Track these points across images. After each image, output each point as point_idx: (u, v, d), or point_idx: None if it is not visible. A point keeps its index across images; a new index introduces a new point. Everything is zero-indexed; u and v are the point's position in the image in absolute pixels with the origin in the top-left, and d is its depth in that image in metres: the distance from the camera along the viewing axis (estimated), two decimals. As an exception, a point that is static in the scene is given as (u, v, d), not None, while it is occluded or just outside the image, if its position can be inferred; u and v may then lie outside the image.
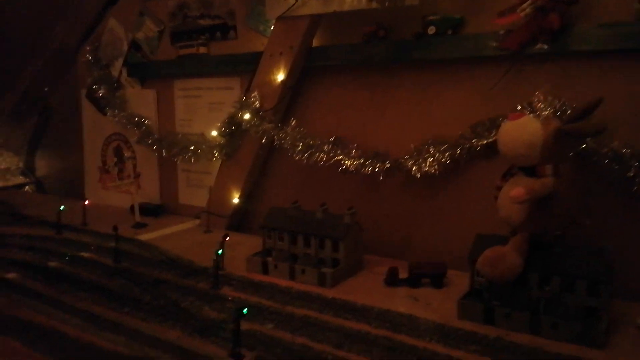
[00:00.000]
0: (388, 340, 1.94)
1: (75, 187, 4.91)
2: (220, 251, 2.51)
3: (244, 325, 2.01)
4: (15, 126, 5.50)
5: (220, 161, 3.65)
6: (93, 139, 4.65)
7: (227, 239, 2.74)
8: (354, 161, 2.96)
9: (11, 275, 2.73)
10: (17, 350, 1.97)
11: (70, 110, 4.88)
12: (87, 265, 2.86)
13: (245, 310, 1.81)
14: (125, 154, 4.34)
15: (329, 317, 2.15)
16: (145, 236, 3.43)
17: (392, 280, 2.49)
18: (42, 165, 5.59)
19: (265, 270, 2.69)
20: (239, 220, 3.68)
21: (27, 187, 5.62)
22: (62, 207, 3.57)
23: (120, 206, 4.24)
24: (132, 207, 3.97)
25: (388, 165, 2.88)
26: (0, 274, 2.74)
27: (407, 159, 2.82)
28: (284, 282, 2.55)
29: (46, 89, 5.10)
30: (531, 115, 2.15)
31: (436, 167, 2.74)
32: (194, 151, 3.67)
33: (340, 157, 3.00)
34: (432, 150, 2.76)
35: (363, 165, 2.93)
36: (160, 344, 1.94)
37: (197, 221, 3.81)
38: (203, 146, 3.61)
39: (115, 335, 2.03)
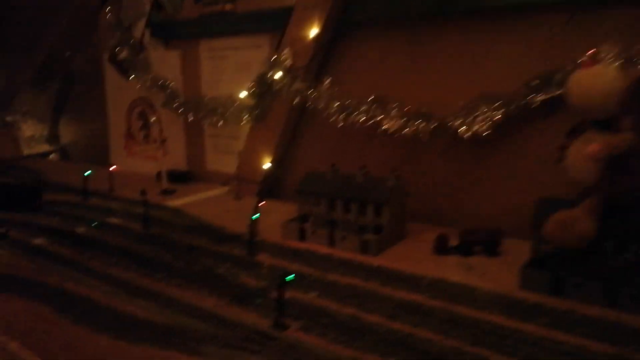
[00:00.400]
0: (445, 312, 1.76)
1: (100, 154, 4.81)
2: (256, 216, 2.34)
3: (287, 294, 1.86)
4: (38, 93, 5.40)
5: (249, 125, 3.47)
6: (117, 104, 4.52)
7: (262, 204, 2.57)
8: (394, 122, 2.76)
9: (39, 241, 2.63)
10: (47, 316, 1.85)
11: (93, 75, 4.74)
12: (115, 231, 2.74)
13: (290, 277, 1.64)
14: (151, 119, 4.20)
15: (377, 286, 1.99)
16: (173, 202, 3.29)
17: (441, 247, 2.31)
18: (67, 133, 5.50)
19: (302, 237, 2.53)
20: (270, 187, 3.51)
21: (51, 155, 5.56)
22: (88, 172, 3.45)
23: (146, 173, 4.12)
24: (158, 174, 3.84)
25: (433, 126, 2.67)
26: (28, 239, 2.64)
27: (454, 118, 2.60)
28: (323, 249, 2.39)
29: (68, 53, 4.96)
30: (607, 62, 1.91)
31: (487, 126, 2.51)
32: (222, 114, 3.50)
33: (380, 117, 2.80)
34: (482, 109, 2.53)
35: (405, 126, 2.73)
36: (197, 312, 1.80)
37: (226, 188, 3.66)
38: (231, 109, 3.43)
39: (148, 303, 1.90)
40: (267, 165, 3.36)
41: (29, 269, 2.29)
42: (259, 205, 2.54)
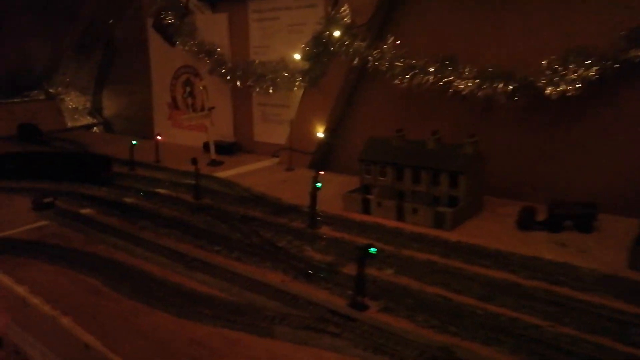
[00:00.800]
0: (546, 293, 1.52)
1: (144, 126, 4.69)
2: (319, 184, 2.13)
3: (352, 269, 1.66)
4: (80, 64, 5.32)
5: (302, 91, 3.25)
6: (161, 73, 4.36)
7: (322, 173, 2.36)
8: (467, 83, 2.47)
9: (86, 211, 2.50)
10: (98, 289, 1.71)
11: (136, 44, 4.59)
12: (165, 202, 2.58)
13: (373, 250, 1.43)
14: (198, 87, 4.02)
15: (459, 264, 1.76)
16: (223, 173, 3.13)
17: (526, 222, 2.05)
18: (109, 105, 5.41)
19: (366, 209, 2.31)
20: (323, 157, 3.30)
21: (95, 127, 5.49)
22: (134, 142, 3.32)
23: (191, 145, 3.97)
24: (205, 145, 3.69)
25: (513, 86, 2.37)
26: (76, 209, 2.51)
27: (538, 78, 2.30)
28: (390, 223, 2.17)
29: (110, 21, 4.83)
30: None
31: (577, 86, 2.21)
32: (273, 80, 3.28)
33: (451, 78, 2.52)
34: (572, 66, 2.23)
35: (480, 87, 2.44)
36: (263, 288, 1.62)
37: (276, 159, 3.47)
38: (284, 73, 3.20)
39: (208, 276, 1.73)
40: (320, 134, 3.13)
41: (78, 239, 2.15)
42: (319, 174, 2.33)
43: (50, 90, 5.32)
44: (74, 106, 5.41)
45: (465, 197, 2.14)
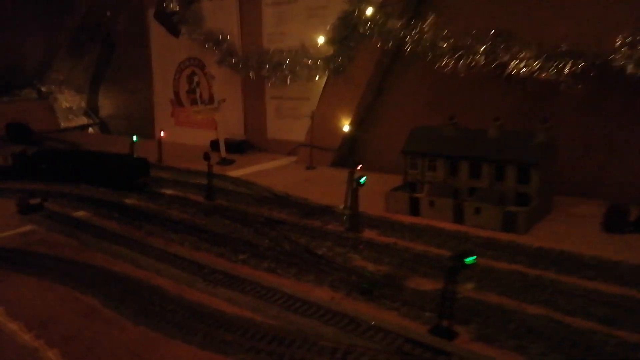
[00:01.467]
0: (686, 314, 1.16)
1: (143, 125, 4.32)
2: (363, 179, 1.77)
3: (426, 285, 1.30)
4: (76, 60, 4.95)
5: (324, 81, 2.90)
6: (163, 67, 4.00)
7: (359, 167, 2.00)
8: (525, 63, 2.13)
9: (80, 214, 2.13)
10: (93, 310, 1.33)
11: (136, 37, 4.24)
12: (172, 203, 2.21)
13: (470, 259, 1.06)
14: (202, 81, 3.67)
15: (554, 275, 1.39)
16: (235, 173, 2.76)
17: (617, 223, 1.70)
18: (106, 104, 5.04)
19: (414, 210, 1.95)
20: (347, 154, 2.95)
21: (90, 128, 5.12)
22: (135, 138, 2.95)
23: (196, 144, 3.59)
24: (213, 143, 3.33)
25: (581, 66, 2.03)
26: (68, 212, 2.14)
27: (613, 56, 1.95)
28: (447, 225, 1.80)
29: (108, 13, 4.48)
30: None
31: (663, 64, 1.87)
32: (290, 69, 2.93)
33: (505, 58, 2.17)
34: (655, 42, 1.89)
35: (541, 67, 2.10)
36: (309, 308, 1.24)
37: (293, 158, 3.11)
38: (305, 59, 2.85)
39: (236, 293, 1.35)
40: (346, 127, 2.77)
41: (70, 247, 1.78)
42: (357, 168, 1.97)
43: (42, 89, 4.95)
44: (68, 106, 5.04)
45: (538, 194, 1.78)
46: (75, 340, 1.19)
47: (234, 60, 3.22)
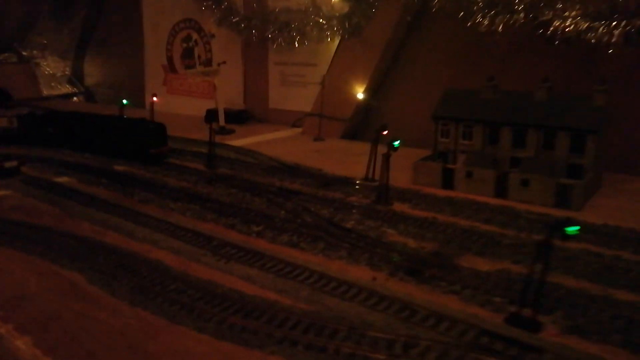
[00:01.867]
0: None
1: (133, 94, 4.00)
2: (397, 143, 1.53)
3: (482, 264, 1.08)
4: (60, 24, 4.60)
5: (335, 44, 2.63)
6: (155, 30, 3.68)
7: (386, 132, 1.75)
8: (571, 22, 1.89)
9: (63, 179, 1.86)
10: (79, 289, 1.08)
11: (127, -3, 3.92)
12: (169, 170, 1.95)
13: (573, 229, 0.83)
14: (198, 45, 3.37)
15: (631, 255, 1.17)
16: (236, 142, 2.50)
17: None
18: (92, 71, 4.70)
19: (448, 182, 1.71)
20: (359, 126, 2.70)
21: (75, 97, 4.79)
22: (125, 101, 2.67)
23: (190, 114, 3.31)
24: (208, 113, 3.05)
25: (636, 27, 1.79)
26: (48, 176, 1.87)
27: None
28: (488, 199, 1.58)
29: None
30: None
31: None
32: (299, 29, 2.66)
33: (548, 17, 1.93)
34: None
35: (590, 27, 1.86)
36: (347, 289, 1.01)
37: (298, 130, 2.86)
38: (313, 21, 2.58)
39: (255, 270, 1.11)
40: (360, 95, 2.52)
41: (51, 215, 1.52)
42: (383, 133, 1.73)
43: (24, 53, 4.60)
44: (51, 72, 4.69)
45: (594, 165, 1.56)
46: (52, 324, 0.93)
47: (235, 20, 2.92)
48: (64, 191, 1.71)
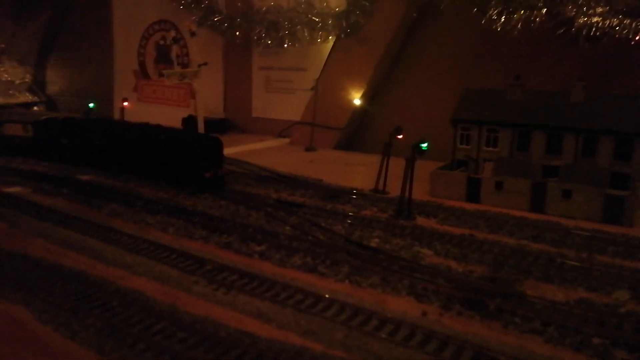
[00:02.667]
0: None
1: (99, 102, 3.68)
2: (424, 145, 1.29)
3: (553, 292, 0.84)
4: (19, 26, 4.25)
5: (329, 45, 2.41)
6: (127, 32, 3.40)
7: (400, 137, 1.52)
8: (598, 19, 1.72)
9: (15, 190, 1.55)
10: (26, 328, 0.79)
11: (95, -3, 3.63)
12: (143, 180, 1.67)
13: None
14: (174, 50, 3.10)
15: None
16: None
17: None
18: (55, 78, 4.35)
19: (473, 194, 1.49)
20: (354, 135, 2.47)
21: (35, 107, 4.42)
22: (91, 105, 2.38)
23: (164, 123, 3.03)
24: (185, 121, 2.77)
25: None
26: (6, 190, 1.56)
27: None
28: (526, 214, 1.36)
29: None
30: None
31: None
32: (288, 30, 2.43)
33: (571, 13, 1.76)
34: None
35: (619, 24, 1.70)
36: (396, 330, 0.75)
37: (286, 140, 2.61)
38: (311, 17, 2.34)
39: (265, 304, 0.84)
40: (356, 101, 2.30)
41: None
42: (399, 137, 1.50)
43: (-22, 58, 4.23)
44: (9, 79, 4.31)
45: (642, 174, 1.36)
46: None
47: (216, 19, 2.67)
48: (14, 202, 1.41)
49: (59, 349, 0.73)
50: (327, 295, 0.85)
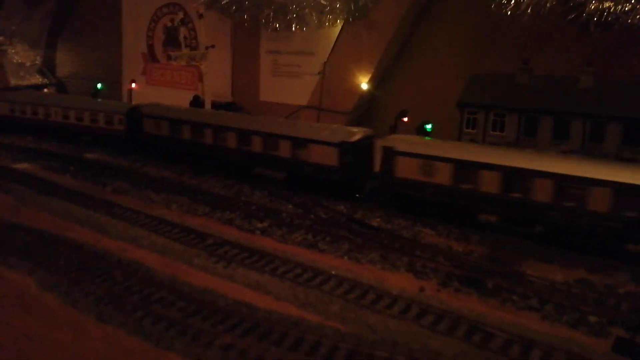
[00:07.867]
0: None
1: (108, 85, 3.70)
2: (429, 126, 1.28)
3: (552, 272, 0.84)
4: (30, 10, 4.27)
5: (337, 29, 2.40)
6: (135, 15, 3.41)
7: (406, 119, 1.52)
8: (610, 4, 1.70)
9: (23, 166, 1.57)
10: (30, 294, 0.80)
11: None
12: (149, 160, 1.68)
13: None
14: (182, 32, 3.10)
15: None
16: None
17: None
18: (65, 61, 4.37)
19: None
20: (361, 119, 2.46)
21: (45, 89, 4.44)
22: (99, 85, 2.39)
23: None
24: (192, 104, 2.78)
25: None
26: (6, 163, 1.58)
27: None
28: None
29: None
30: None
31: None
32: (296, 13, 2.41)
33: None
34: None
35: (633, 8, 1.67)
36: (392, 304, 0.76)
37: (294, 123, 2.61)
38: (313, 3, 2.33)
39: (265, 276, 0.85)
40: (364, 85, 2.29)
41: (5, 206, 1.23)
42: (404, 119, 1.50)
43: (-11, 38, 4.25)
44: (20, 61, 4.34)
45: (651, 161, 1.35)
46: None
47: (224, 2, 2.66)
48: (21, 178, 1.42)
49: (59, 314, 0.74)
50: (323, 269, 0.85)
